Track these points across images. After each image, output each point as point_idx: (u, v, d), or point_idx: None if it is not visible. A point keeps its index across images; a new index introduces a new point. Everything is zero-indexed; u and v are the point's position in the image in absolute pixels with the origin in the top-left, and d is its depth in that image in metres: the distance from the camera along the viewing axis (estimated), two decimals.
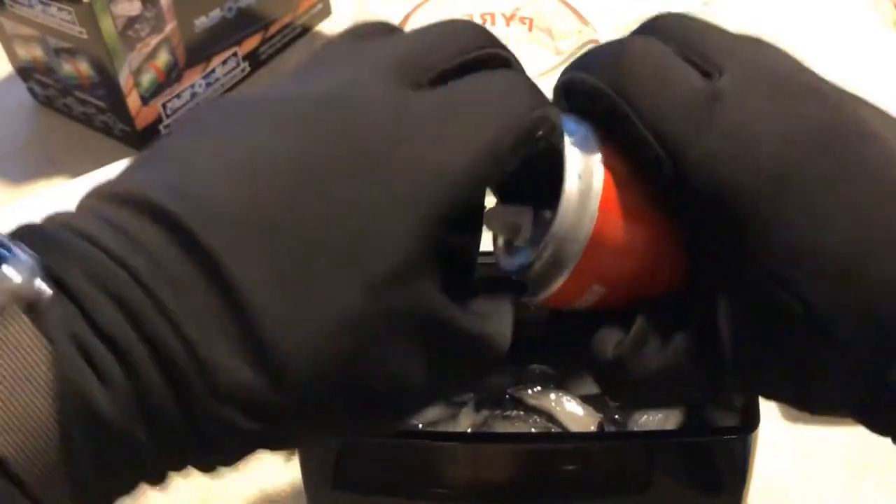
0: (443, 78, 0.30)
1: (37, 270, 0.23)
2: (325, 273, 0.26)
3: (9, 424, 0.22)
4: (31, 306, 0.23)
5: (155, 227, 0.25)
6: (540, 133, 0.30)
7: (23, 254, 0.23)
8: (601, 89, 0.31)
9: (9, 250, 0.23)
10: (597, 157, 0.31)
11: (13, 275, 0.23)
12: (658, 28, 0.32)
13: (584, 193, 0.30)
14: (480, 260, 0.33)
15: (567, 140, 0.31)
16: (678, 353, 0.31)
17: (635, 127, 0.30)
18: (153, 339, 0.24)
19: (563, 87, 0.33)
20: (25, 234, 0.25)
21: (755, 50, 0.31)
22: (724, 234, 0.29)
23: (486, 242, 0.34)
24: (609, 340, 0.32)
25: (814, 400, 0.31)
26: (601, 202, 0.30)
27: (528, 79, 0.32)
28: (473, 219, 0.32)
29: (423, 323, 0.27)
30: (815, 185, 0.28)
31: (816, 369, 0.30)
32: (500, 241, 0.34)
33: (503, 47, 0.32)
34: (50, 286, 0.23)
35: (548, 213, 0.32)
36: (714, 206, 0.29)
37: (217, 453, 0.26)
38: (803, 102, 0.30)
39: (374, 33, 0.32)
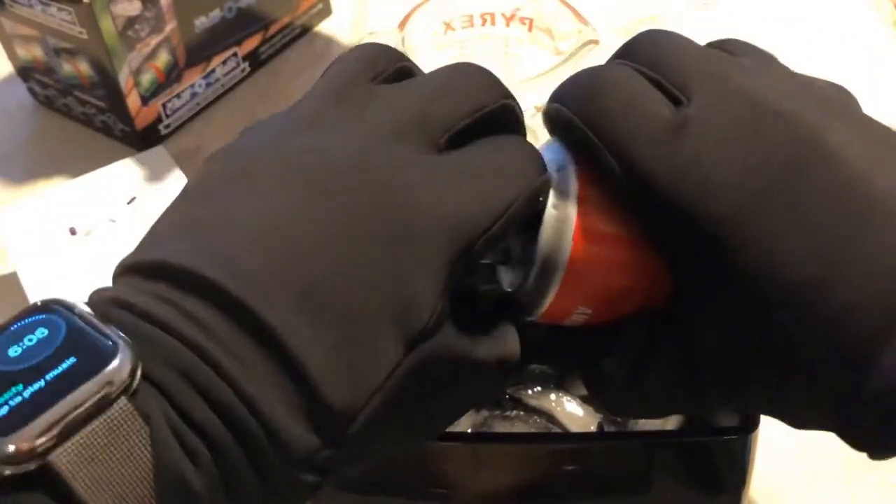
0: (459, 135, 0.32)
1: (134, 354, 0.25)
2: (369, 335, 0.28)
3: (113, 500, 0.24)
4: (129, 391, 0.25)
5: (215, 308, 0.26)
6: (543, 196, 0.32)
7: (123, 344, 0.25)
8: (574, 123, 0.32)
9: (109, 338, 0.25)
10: (572, 188, 0.32)
11: (119, 361, 0.24)
12: (634, 50, 0.34)
13: (561, 221, 0.32)
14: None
15: (550, 166, 0.33)
16: (657, 376, 0.33)
17: (605, 159, 0.31)
18: (233, 419, 0.25)
19: (545, 116, 0.35)
20: (105, 313, 0.26)
21: (727, 71, 0.32)
22: (694, 260, 0.30)
23: None
24: (597, 355, 0.35)
25: (793, 418, 0.33)
26: (576, 231, 0.32)
27: (529, 143, 0.34)
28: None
29: (447, 363, 0.30)
30: (775, 214, 0.29)
31: (790, 389, 0.31)
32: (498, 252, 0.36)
33: (510, 96, 0.34)
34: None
35: (534, 239, 0.33)
36: (684, 235, 0.30)
37: (283, 502, 0.28)
38: (768, 129, 0.30)
39: (386, 69, 0.33)
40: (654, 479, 0.45)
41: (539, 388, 0.51)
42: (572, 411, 0.50)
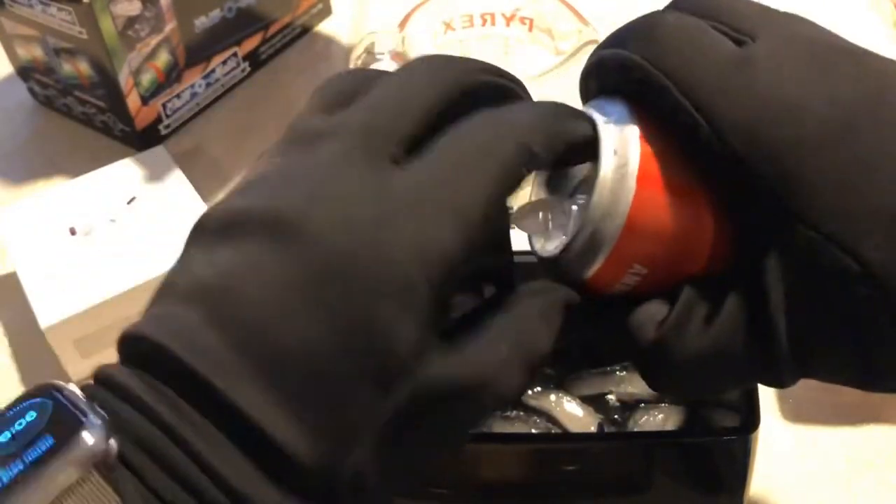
0: (417, 140, 0.29)
1: (108, 434, 0.25)
2: (340, 390, 0.26)
3: None
4: (102, 464, 0.25)
5: (183, 385, 0.26)
6: (528, 168, 0.29)
7: (95, 417, 0.25)
8: (635, 61, 0.30)
9: (85, 415, 0.25)
10: (633, 132, 0.30)
11: (89, 439, 0.25)
12: (687, 2, 0.32)
13: (621, 169, 0.30)
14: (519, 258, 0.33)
15: (600, 119, 0.31)
16: (726, 330, 0.30)
17: (671, 96, 0.29)
18: (203, 497, 0.25)
19: (595, 66, 0.33)
20: (92, 394, 0.27)
21: (787, 19, 0.31)
22: (769, 198, 0.28)
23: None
24: (649, 321, 0.31)
25: (877, 372, 0.30)
26: (639, 176, 0.30)
27: (501, 113, 0.31)
28: (489, 253, 0.31)
29: (442, 389, 0.28)
30: (865, 141, 0.28)
31: (878, 335, 0.28)
32: (535, 226, 0.34)
33: (472, 70, 0.31)
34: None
35: (582, 198, 0.31)
36: (757, 169, 0.28)
37: None
38: (843, 66, 0.29)
39: (341, 98, 0.31)
40: (654, 479, 0.45)
41: (539, 389, 0.51)
42: (572, 412, 0.50)
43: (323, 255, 0.27)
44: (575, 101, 0.34)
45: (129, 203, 0.62)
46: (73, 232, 0.60)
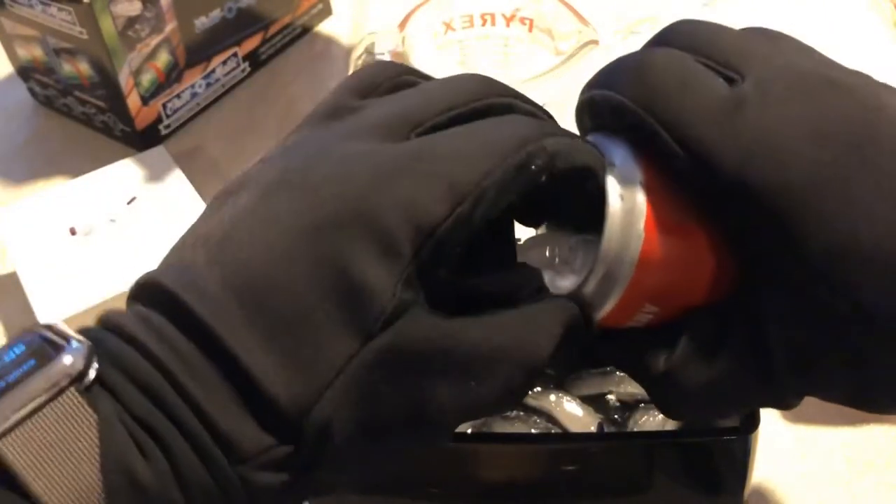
0: (431, 130, 0.30)
1: (89, 358, 0.27)
2: (312, 330, 0.27)
3: (60, 486, 0.25)
4: (81, 385, 0.26)
5: (175, 321, 0.28)
6: (536, 167, 0.30)
7: (78, 344, 0.27)
8: (626, 106, 0.30)
9: (69, 341, 0.27)
10: (636, 175, 0.30)
11: (67, 359, 0.26)
12: (672, 37, 0.32)
13: (629, 212, 0.30)
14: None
15: (603, 160, 0.31)
16: (729, 361, 0.30)
17: (664, 141, 0.30)
18: (178, 420, 0.26)
19: (587, 105, 0.33)
20: (84, 330, 0.28)
21: (771, 48, 0.31)
22: (765, 239, 0.29)
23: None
24: (659, 354, 0.32)
25: (870, 399, 0.31)
26: (646, 220, 0.30)
27: (514, 119, 0.32)
28: (492, 230, 0.31)
29: (423, 351, 0.28)
30: (851, 180, 0.28)
31: (872, 368, 0.29)
32: (544, 261, 0.34)
33: (509, 94, 0.33)
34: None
35: (592, 237, 0.31)
36: (752, 212, 0.29)
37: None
38: (826, 98, 0.29)
39: (381, 84, 0.33)
40: (654, 479, 0.45)
41: (539, 389, 0.51)
42: (572, 412, 0.50)
43: (317, 205, 0.28)
44: (574, 102, 0.34)
45: (129, 203, 0.62)
46: (73, 232, 0.60)
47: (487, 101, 0.32)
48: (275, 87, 0.77)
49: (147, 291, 0.29)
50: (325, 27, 0.82)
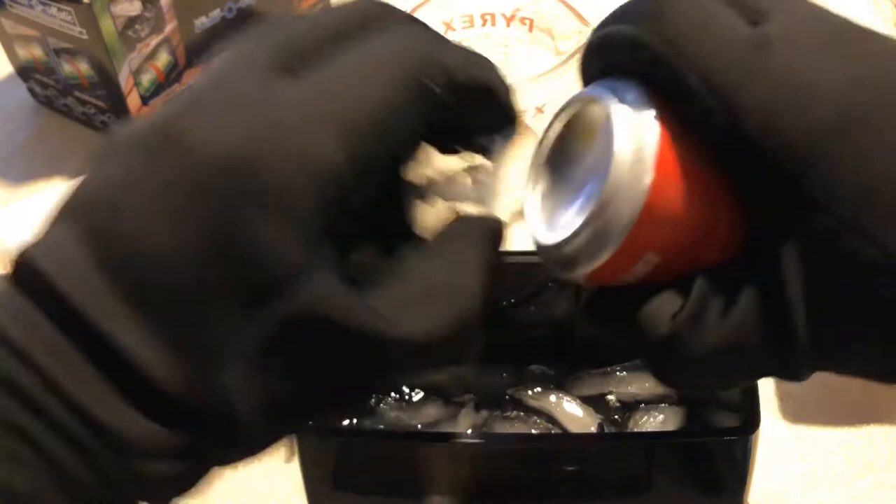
0: (324, 57, 0.27)
1: None
2: (207, 307, 0.25)
3: None
4: None
5: (45, 306, 0.25)
6: (435, 85, 0.28)
7: None
8: (646, 39, 0.29)
9: None
10: (649, 114, 0.29)
11: None
12: None
13: (638, 152, 0.28)
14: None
15: (612, 99, 0.29)
16: (742, 322, 0.28)
17: (683, 78, 0.28)
18: (49, 417, 0.24)
19: (600, 42, 0.31)
20: None
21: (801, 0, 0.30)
22: (787, 183, 0.27)
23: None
24: (661, 315, 0.30)
25: None
26: (657, 161, 0.28)
27: (414, 30, 0.29)
28: (387, 182, 0.29)
29: (331, 320, 0.26)
30: (888, 122, 0.27)
31: None
32: (537, 215, 0.32)
33: (398, 14, 0.30)
34: None
35: (593, 182, 0.30)
36: (774, 154, 0.27)
37: (157, 495, 0.26)
38: (863, 46, 0.28)
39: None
40: (654, 479, 0.45)
41: (539, 389, 0.51)
42: (572, 412, 0.50)
43: (198, 165, 0.25)
44: None
45: None
46: None
47: (380, 19, 0.29)
48: None
49: (21, 273, 0.26)
50: None
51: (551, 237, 0.31)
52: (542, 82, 0.58)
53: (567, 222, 0.30)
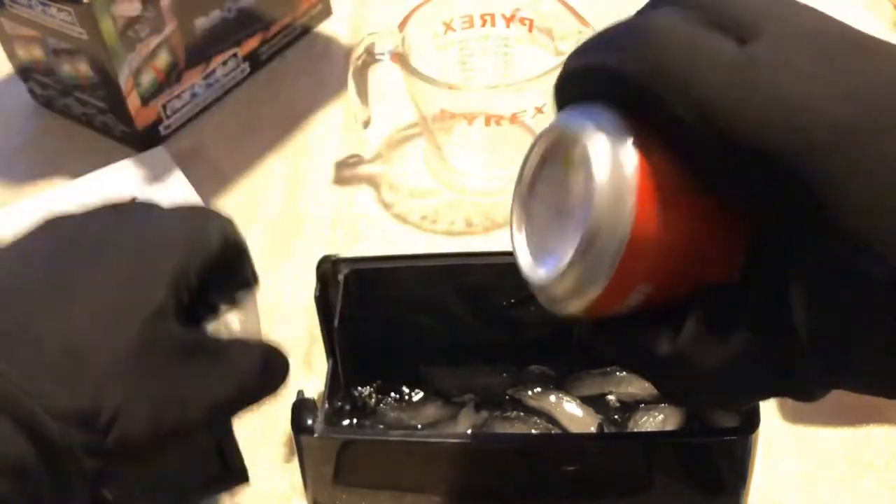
0: None
1: None
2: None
3: None
4: None
5: None
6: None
7: None
8: (628, 74, 0.28)
9: None
10: (628, 142, 0.28)
11: None
12: None
13: (619, 183, 0.28)
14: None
15: (590, 126, 0.29)
16: (745, 341, 0.28)
17: (670, 107, 0.27)
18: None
19: (582, 72, 0.30)
20: None
21: (790, 9, 0.29)
22: (787, 205, 0.27)
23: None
24: (661, 334, 0.30)
25: None
26: (638, 188, 0.28)
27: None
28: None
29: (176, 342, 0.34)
30: (885, 134, 0.26)
31: None
32: (525, 251, 0.32)
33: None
34: None
35: (577, 216, 0.29)
36: (772, 175, 0.26)
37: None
38: (855, 60, 0.27)
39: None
40: (654, 479, 0.45)
41: (539, 389, 0.51)
42: (572, 412, 0.50)
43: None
44: None
45: None
46: None
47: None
48: (275, 87, 0.77)
49: None
50: (325, 27, 0.82)
51: (540, 275, 0.31)
52: (542, 82, 0.58)
53: (554, 260, 0.30)
